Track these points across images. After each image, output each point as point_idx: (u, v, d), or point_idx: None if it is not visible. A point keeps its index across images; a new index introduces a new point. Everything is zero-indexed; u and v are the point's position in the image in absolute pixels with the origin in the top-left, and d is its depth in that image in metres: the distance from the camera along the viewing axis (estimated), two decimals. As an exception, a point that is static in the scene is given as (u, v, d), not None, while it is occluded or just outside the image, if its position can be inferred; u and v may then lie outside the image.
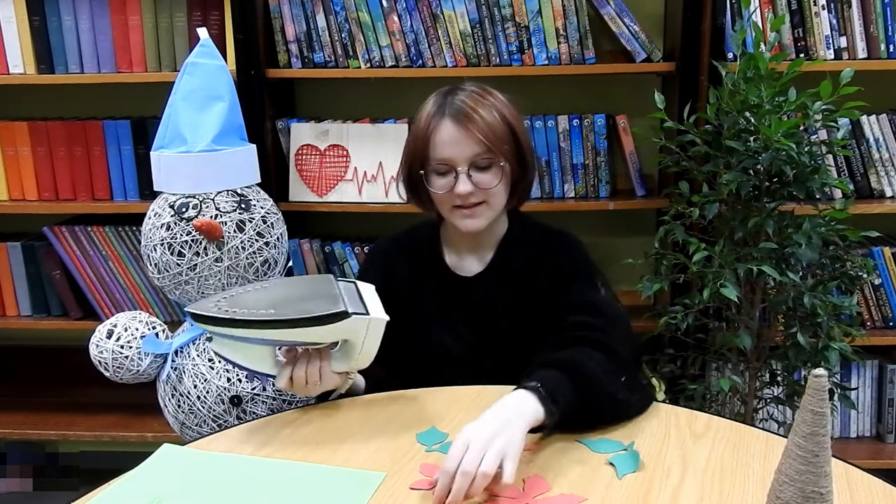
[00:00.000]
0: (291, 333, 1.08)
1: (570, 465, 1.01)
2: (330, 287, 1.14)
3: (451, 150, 1.25)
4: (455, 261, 1.38)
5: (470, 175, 1.25)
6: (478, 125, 1.23)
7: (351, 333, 1.11)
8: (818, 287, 1.62)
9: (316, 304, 1.08)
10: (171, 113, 1.53)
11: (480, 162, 1.25)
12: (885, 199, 1.95)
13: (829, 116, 1.56)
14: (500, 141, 1.25)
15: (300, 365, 1.14)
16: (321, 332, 1.09)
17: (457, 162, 1.25)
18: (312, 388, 1.15)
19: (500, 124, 1.26)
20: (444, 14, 1.92)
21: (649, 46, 1.93)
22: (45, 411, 2.25)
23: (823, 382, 0.73)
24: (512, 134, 1.28)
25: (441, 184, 1.27)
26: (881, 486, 0.95)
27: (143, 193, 2.06)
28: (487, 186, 1.26)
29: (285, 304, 1.09)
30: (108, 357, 1.47)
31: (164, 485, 0.99)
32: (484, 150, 1.24)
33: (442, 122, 1.25)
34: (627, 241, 2.18)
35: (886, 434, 2.08)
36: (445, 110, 1.25)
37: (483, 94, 1.28)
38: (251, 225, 1.50)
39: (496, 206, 1.29)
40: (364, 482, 0.98)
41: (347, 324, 1.08)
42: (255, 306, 1.07)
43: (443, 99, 1.28)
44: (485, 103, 1.26)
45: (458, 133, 1.24)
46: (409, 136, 1.32)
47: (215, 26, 1.95)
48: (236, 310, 1.07)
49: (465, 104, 1.25)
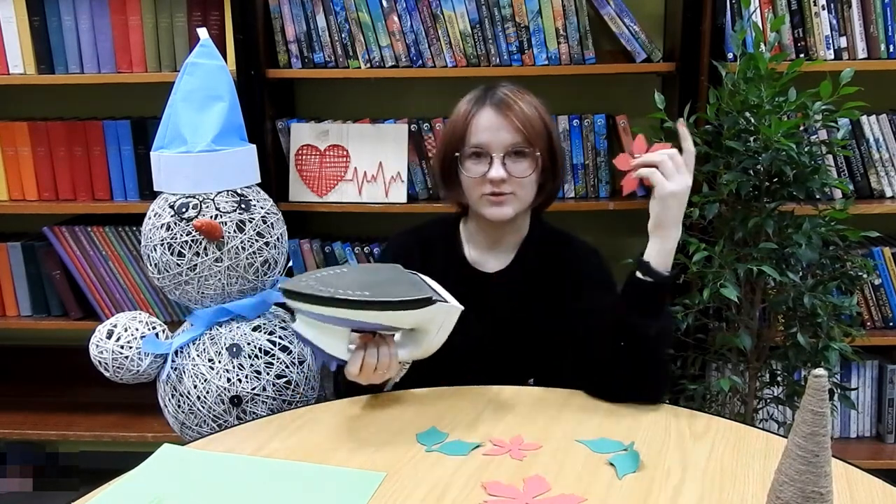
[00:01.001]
0: (381, 316, 1.08)
1: (570, 465, 1.01)
2: (405, 275, 1.18)
3: (490, 136, 1.29)
4: (476, 256, 1.41)
5: (504, 163, 1.28)
6: (517, 114, 1.28)
7: (429, 321, 1.13)
8: (818, 287, 1.62)
9: (406, 289, 1.11)
10: (171, 113, 1.53)
11: (516, 150, 1.29)
12: (885, 199, 1.95)
13: (829, 116, 1.56)
14: (537, 134, 1.30)
15: (371, 352, 1.14)
16: (406, 316, 1.10)
17: (493, 148, 1.29)
18: (379, 375, 1.16)
19: (538, 119, 1.31)
20: (444, 14, 1.92)
21: (649, 46, 1.93)
22: (45, 411, 2.25)
23: (823, 382, 0.73)
24: (547, 130, 1.33)
25: (475, 169, 1.31)
26: (881, 486, 0.95)
27: (143, 193, 2.06)
28: (521, 175, 1.29)
29: (375, 286, 1.09)
30: (108, 357, 1.47)
31: (164, 485, 0.99)
32: (521, 140, 1.29)
33: (483, 109, 1.30)
34: (627, 241, 2.18)
35: (886, 434, 2.08)
36: (487, 100, 1.31)
37: (522, 91, 1.34)
38: (251, 225, 1.50)
39: (524, 198, 1.33)
40: (364, 482, 0.98)
41: (430, 311, 1.10)
42: (348, 287, 1.08)
43: (483, 92, 1.33)
44: (524, 98, 1.32)
45: (498, 120, 1.29)
46: (448, 124, 1.37)
47: (215, 26, 1.95)
48: (332, 289, 1.06)
49: (507, 96, 1.30)
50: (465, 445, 1.06)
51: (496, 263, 1.40)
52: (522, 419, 1.15)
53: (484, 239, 1.40)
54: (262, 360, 1.48)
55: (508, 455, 1.04)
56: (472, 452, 1.05)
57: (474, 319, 1.35)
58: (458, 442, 1.08)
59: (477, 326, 1.34)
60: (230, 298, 1.52)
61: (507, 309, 1.37)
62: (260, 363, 1.48)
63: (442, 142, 1.37)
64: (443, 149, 1.36)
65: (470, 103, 1.33)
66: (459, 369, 1.29)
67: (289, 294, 1.08)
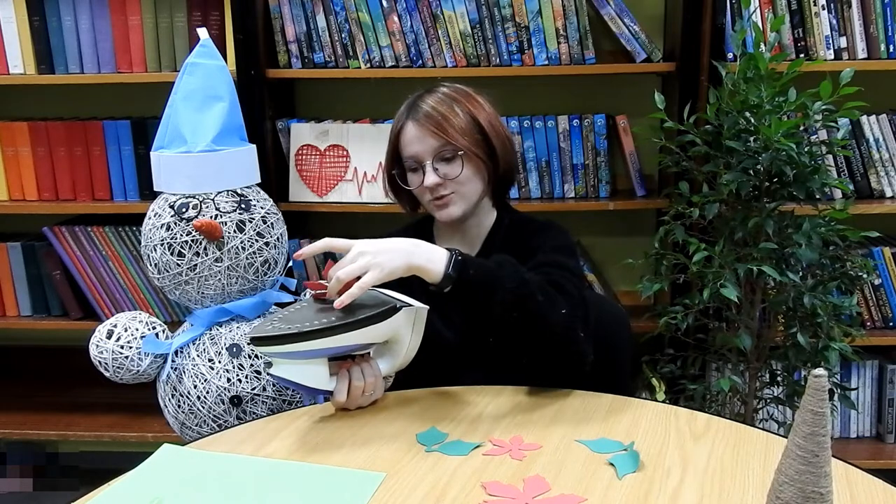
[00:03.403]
0: (354, 337, 1.09)
1: (570, 465, 1.01)
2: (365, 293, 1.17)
3: (416, 147, 1.33)
4: None
5: (436, 168, 1.33)
6: (435, 121, 1.32)
7: (401, 327, 1.14)
8: (818, 287, 1.62)
9: (369, 305, 1.11)
10: (171, 113, 1.53)
11: (444, 154, 1.32)
12: (885, 199, 1.96)
13: (829, 116, 1.56)
14: (460, 133, 1.32)
15: (356, 375, 1.16)
16: (378, 330, 1.11)
17: (422, 157, 1.33)
18: (367, 397, 1.18)
19: (461, 118, 1.33)
20: (444, 14, 1.92)
21: (649, 46, 1.93)
22: (45, 411, 2.25)
23: (823, 382, 0.73)
24: (478, 127, 1.34)
25: (413, 179, 1.36)
26: (881, 486, 0.95)
27: (143, 193, 2.06)
28: (452, 176, 1.33)
29: (337, 312, 1.10)
30: (108, 357, 1.47)
31: (164, 485, 0.99)
32: (443, 143, 1.31)
33: (406, 124, 1.35)
34: (627, 242, 2.18)
35: (886, 434, 2.08)
36: (408, 115, 1.35)
37: (453, 95, 1.36)
38: (251, 225, 1.50)
39: (468, 194, 1.35)
40: (364, 482, 0.98)
41: (399, 317, 1.11)
42: (312, 318, 1.09)
43: (412, 102, 1.37)
44: (451, 103, 1.35)
45: (419, 131, 1.33)
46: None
47: (215, 26, 1.95)
48: (297, 325, 1.08)
49: (426, 104, 1.34)
50: (465, 445, 1.06)
51: None
52: (522, 419, 1.15)
53: (451, 235, 1.43)
54: (262, 360, 1.48)
55: (508, 455, 1.04)
56: (472, 452, 1.05)
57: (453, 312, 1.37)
58: (458, 442, 1.08)
59: (456, 318, 1.36)
60: (230, 298, 1.52)
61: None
62: (260, 363, 1.48)
63: (385, 163, 1.42)
64: (385, 168, 1.42)
65: (396, 121, 1.37)
66: (446, 359, 1.32)
67: (259, 342, 1.08)
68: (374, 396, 1.20)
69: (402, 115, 1.37)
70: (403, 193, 1.41)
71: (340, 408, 1.18)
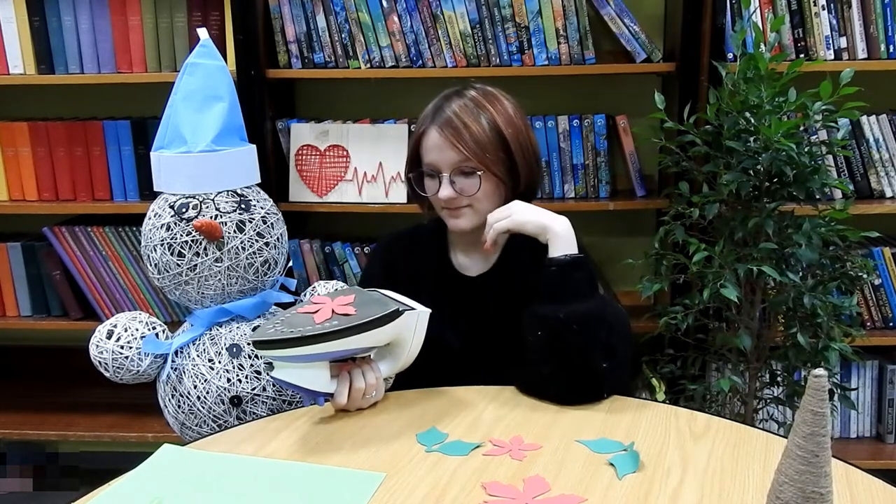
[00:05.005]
0: (357, 340, 1.10)
1: (570, 465, 1.01)
2: (365, 294, 1.18)
3: (436, 156, 1.30)
4: (462, 259, 1.43)
5: (453, 181, 1.29)
6: (460, 136, 1.27)
7: (403, 331, 1.15)
8: (818, 287, 1.62)
9: (371, 308, 1.12)
10: (170, 113, 1.52)
11: (464, 168, 1.29)
12: (885, 200, 1.95)
13: (829, 117, 1.56)
14: (484, 151, 1.28)
15: (357, 377, 1.16)
16: (380, 333, 1.11)
17: (441, 168, 1.30)
18: (367, 399, 1.18)
19: (487, 135, 1.29)
20: (444, 14, 1.92)
21: (649, 47, 1.93)
22: (45, 411, 2.25)
23: (823, 382, 0.73)
24: (502, 144, 1.30)
25: (430, 186, 1.34)
26: (881, 487, 0.95)
27: (143, 194, 2.06)
28: (469, 193, 1.30)
29: (340, 316, 1.10)
30: (108, 357, 1.47)
31: (164, 485, 0.99)
32: (463, 158, 1.28)
33: (430, 129, 1.31)
34: (627, 242, 2.18)
35: (886, 434, 2.08)
36: (434, 119, 1.31)
37: (481, 102, 1.31)
38: (251, 225, 1.50)
39: (481, 210, 1.32)
40: (364, 482, 0.98)
41: (401, 321, 1.12)
42: (313, 323, 1.09)
43: (439, 104, 1.33)
44: (477, 112, 1.30)
45: (441, 141, 1.29)
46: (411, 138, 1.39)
47: (215, 26, 1.95)
48: (300, 328, 1.08)
49: (454, 114, 1.29)
50: (465, 445, 1.06)
51: (482, 266, 1.41)
52: (522, 419, 1.15)
53: (465, 243, 1.41)
54: (262, 360, 1.48)
55: (508, 455, 1.04)
56: (472, 452, 1.05)
57: (460, 319, 1.36)
58: (458, 442, 1.08)
59: (463, 325, 1.36)
60: (230, 299, 1.52)
61: (489, 312, 1.37)
62: (260, 363, 1.48)
63: (406, 162, 1.40)
64: (406, 168, 1.40)
65: (421, 121, 1.33)
66: (449, 365, 1.31)
67: (261, 345, 1.08)
68: (376, 398, 1.20)
69: (427, 118, 1.32)
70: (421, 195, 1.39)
71: (340, 409, 1.18)
